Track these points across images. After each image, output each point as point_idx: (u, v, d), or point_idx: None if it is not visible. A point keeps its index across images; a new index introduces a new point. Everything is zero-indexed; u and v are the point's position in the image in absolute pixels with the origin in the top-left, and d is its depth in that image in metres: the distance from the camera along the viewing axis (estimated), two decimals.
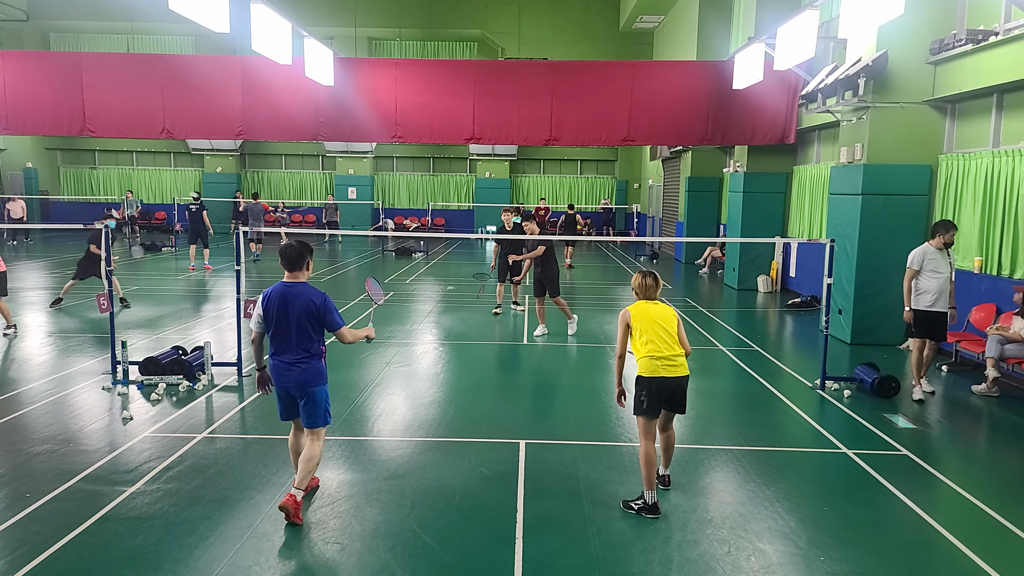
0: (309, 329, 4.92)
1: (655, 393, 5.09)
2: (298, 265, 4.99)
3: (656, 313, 5.23)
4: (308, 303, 4.90)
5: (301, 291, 4.94)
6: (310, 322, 4.91)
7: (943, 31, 10.20)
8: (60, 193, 31.71)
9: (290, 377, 4.95)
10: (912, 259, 8.21)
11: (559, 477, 5.72)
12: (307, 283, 5.04)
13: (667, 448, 5.53)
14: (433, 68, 16.43)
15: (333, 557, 4.48)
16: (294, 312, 4.89)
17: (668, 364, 5.11)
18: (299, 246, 5.00)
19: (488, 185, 31.87)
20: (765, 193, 16.24)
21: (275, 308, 4.93)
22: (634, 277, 5.51)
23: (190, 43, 30.36)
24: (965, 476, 6.00)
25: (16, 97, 14.84)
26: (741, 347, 10.52)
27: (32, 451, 6.05)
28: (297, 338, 4.92)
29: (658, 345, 5.12)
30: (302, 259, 5.00)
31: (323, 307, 4.92)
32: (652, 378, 5.09)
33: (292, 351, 4.94)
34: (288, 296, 4.92)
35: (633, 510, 5.10)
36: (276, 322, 4.94)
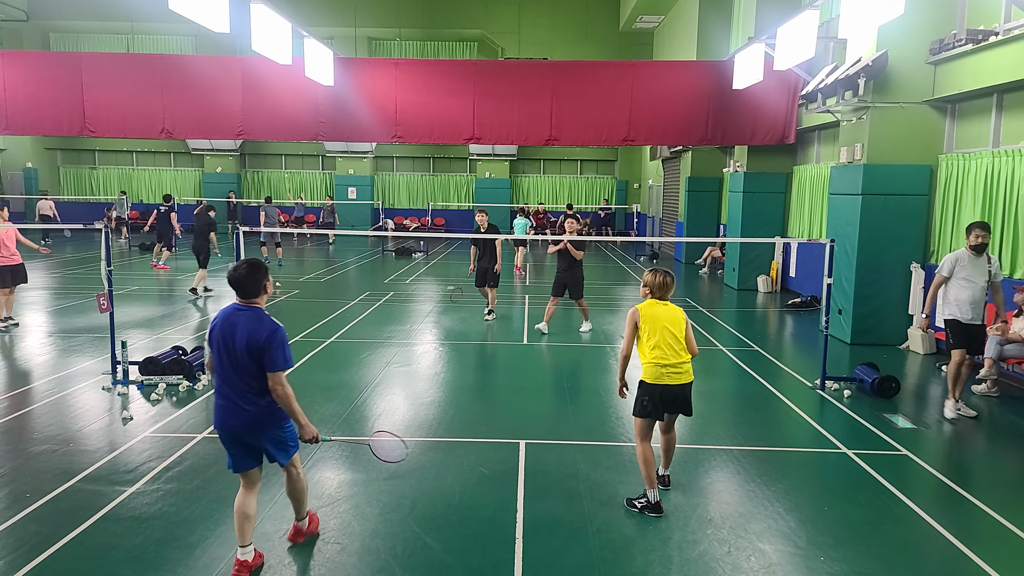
0: (250, 364, 4.11)
1: (658, 400, 5.07)
2: (251, 291, 4.25)
3: (666, 316, 5.11)
4: (252, 333, 4.11)
5: (250, 317, 4.19)
6: (251, 357, 4.10)
7: (943, 31, 10.20)
8: (60, 193, 31.70)
9: (240, 420, 4.18)
10: (942, 264, 7.59)
11: (559, 477, 5.72)
12: (261, 309, 4.26)
13: (668, 449, 5.51)
14: (433, 68, 16.43)
15: (333, 557, 4.48)
16: (240, 341, 4.11)
17: (673, 372, 5.05)
18: (248, 269, 4.24)
19: (488, 185, 31.87)
20: (765, 193, 16.24)
21: (218, 335, 4.17)
22: (649, 274, 5.30)
23: (190, 43, 30.36)
24: (965, 476, 6.00)
25: (16, 97, 14.85)
26: (741, 347, 10.52)
27: (32, 451, 6.05)
28: (244, 373, 4.13)
29: (665, 352, 5.04)
30: (256, 282, 4.24)
31: (268, 340, 4.09)
32: (656, 385, 5.04)
33: (239, 388, 4.14)
34: (235, 322, 4.17)
35: (636, 508, 5.11)
36: (219, 352, 4.16)
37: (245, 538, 4.23)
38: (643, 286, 5.32)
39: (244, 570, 4.18)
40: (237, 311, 4.23)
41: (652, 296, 5.24)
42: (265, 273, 4.33)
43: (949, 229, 10.50)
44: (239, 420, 4.18)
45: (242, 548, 4.22)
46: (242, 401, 4.15)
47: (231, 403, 4.17)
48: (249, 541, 4.25)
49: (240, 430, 4.21)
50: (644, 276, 5.31)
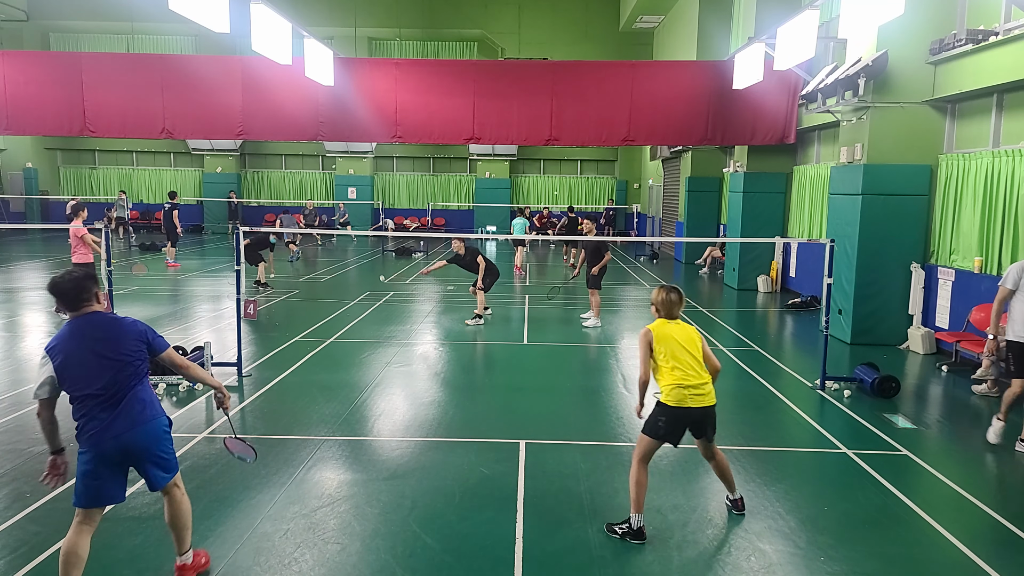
0: (134, 357, 3.87)
1: (679, 423, 4.74)
2: (84, 299, 3.87)
3: (681, 336, 4.80)
4: (119, 330, 3.88)
5: (101, 322, 3.89)
6: (131, 350, 3.85)
7: (943, 31, 10.20)
8: (60, 193, 31.70)
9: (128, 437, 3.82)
10: (1006, 276, 6.62)
11: (559, 477, 5.72)
12: (104, 312, 3.97)
13: (723, 473, 5.12)
14: (433, 68, 16.43)
15: (333, 557, 4.48)
16: (106, 345, 3.81)
17: (696, 394, 4.70)
18: (73, 280, 3.85)
19: (488, 185, 31.87)
20: (765, 193, 16.24)
21: (70, 353, 3.77)
22: (656, 292, 4.99)
23: (190, 43, 30.37)
24: (965, 476, 6.00)
25: (16, 97, 14.85)
26: (741, 347, 10.52)
27: (32, 451, 6.04)
28: (117, 377, 3.81)
29: (686, 372, 4.70)
30: (87, 291, 3.88)
31: (141, 329, 3.95)
32: (678, 408, 4.69)
33: (111, 398, 3.81)
34: (87, 332, 3.82)
35: (617, 535, 4.75)
36: (79, 368, 3.77)
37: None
38: (651, 305, 5.03)
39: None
40: (85, 322, 3.85)
41: (660, 315, 4.93)
42: (94, 280, 3.97)
43: (949, 229, 10.50)
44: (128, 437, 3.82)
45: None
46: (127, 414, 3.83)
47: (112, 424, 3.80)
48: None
49: (130, 446, 3.83)
50: (652, 294, 5.01)
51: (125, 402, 3.84)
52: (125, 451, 3.85)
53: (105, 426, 3.80)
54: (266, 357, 9.35)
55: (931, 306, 10.62)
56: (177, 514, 4.11)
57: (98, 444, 3.81)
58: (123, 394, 3.84)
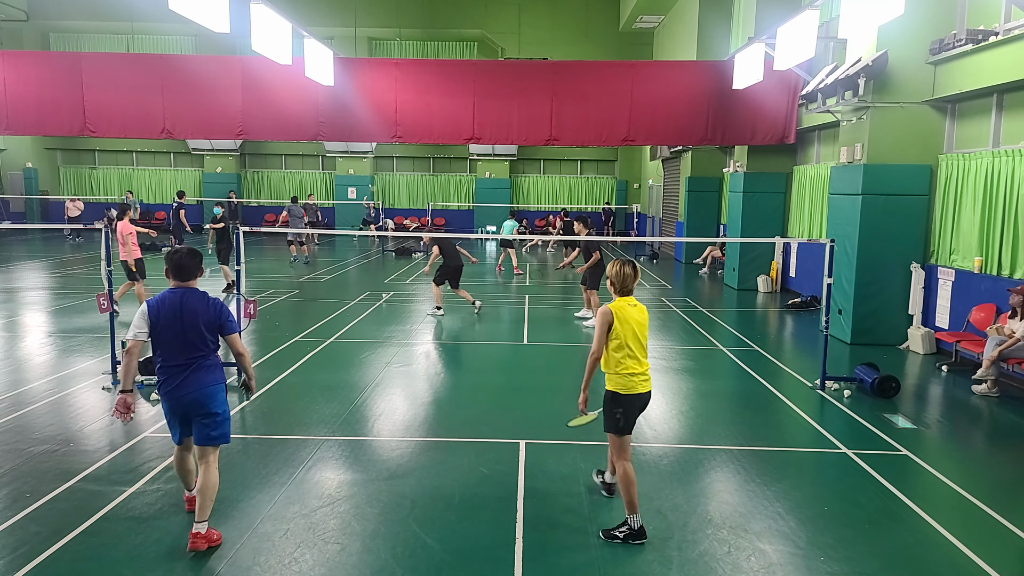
0: (207, 335, 4.52)
1: (632, 410, 4.73)
2: (191, 275, 4.59)
3: (637, 320, 4.71)
4: (202, 309, 4.52)
5: (192, 298, 4.54)
6: (208, 328, 4.51)
7: (943, 31, 10.20)
8: (60, 193, 31.70)
9: (191, 397, 4.50)
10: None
11: (559, 477, 5.72)
12: (198, 289, 4.62)
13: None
14: (433, 68, 16.42)
15: (333, 557, 4.48)
16: (189, 319, 4.46)
17: (643, 379, 4.73)
18: (189, 257, 4.58)
19: (488, 185, 31.87)
20: (765, 193, 16.24)
21: (164, 318, 4.45)
22: (610, 265, 4.83)
23: (190, 43, 30.37)
24: (965, 476, 5.99)
25: (16, 97, 14.84)
26: (741, 347, 10.52)
27: (32, 451, 6.05)
28: (192, 346, 4.48)
29: (634, 361, 4.69)
30: (195, 269, 4.60)
31: (219, 312, 4.56)
32: (630, 395, 4.69)
33: (184, 360, 4.49)
34: (178, 303, 4.49)
35: (618, 539, 4.66)
36: (165, 331, 4.45)
37: (187, 484, 4.96)
38: (606, 279, 4.89)
39: (191, 503, 4.86)
40: (178, 293, 4.54)
41: (617, 292, 4.79)
42: (201, 259, 4.70)
43: (949, 229, 10.50)
44: (184, 390, 4.50)
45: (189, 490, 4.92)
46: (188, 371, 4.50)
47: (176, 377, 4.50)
48: (193, 485, 4.84)
49: (185, 399, 4.52)
50: (607, 268, 4.87)
51: (193, 369, 4.49)
52: (185, 407, 4.54)
53: (175, 385, 4.48)
54: (266, 357, 9.35)
55: (931, 306, 10.62)
56: (205, 484, 4.57)
57: (169, 398, 4.54)
58: (195, 361, 4.50)
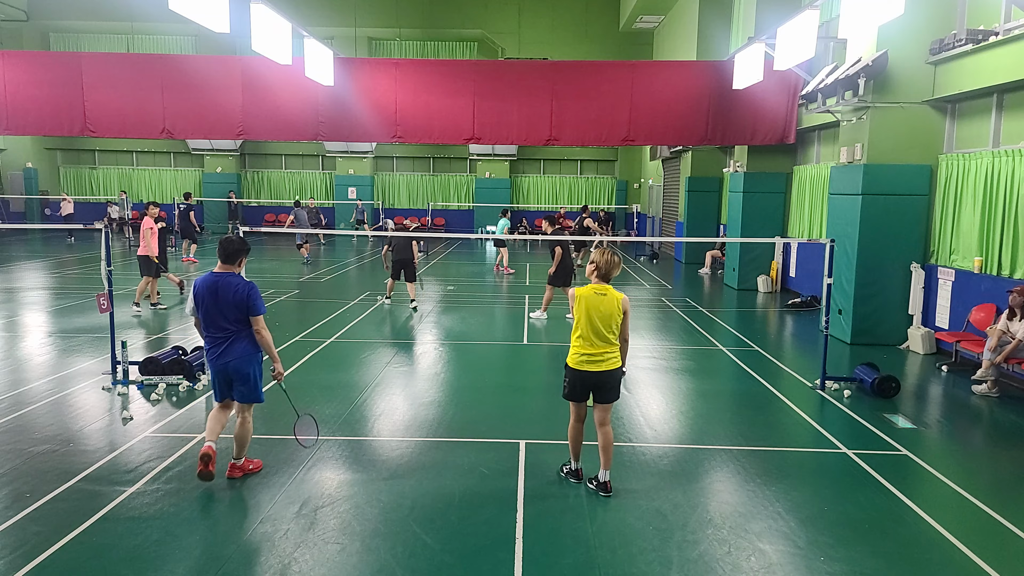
0: (237, 313, 5.37)
1: (579, 384, 5.35)
2: (234, 261, 5.46)
3: (599, 308, 5.20)
4: (234, 290, 5.34)
5: (229, 280, 5.38)
6: (237, 307, 5.34)
7: (943, 31, 10.20)
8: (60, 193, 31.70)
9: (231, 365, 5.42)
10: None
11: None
12: (236, 274, 5.47)
13: (605, 447, 5.40)
14: (433, 68, 16.41)
15: (333, 557, 4.48)
16: (223, 298, 5.33)
17: (593, 359, 5.26)
18: (239, 242, 5.48)
19: (488, 185, 31.87)
20: (765, 193, 16.24)
21: (204, 296, 5.35)
22: (598, 252, 5.29)
23: (190, 43, 30.37)
24: (965, 476, 5.99)
25: (16, 97, 14.84)
26: (741, 347, 10.52)
27: (32, 451, 6.05)
28: (226, 321, 5.37)
29: (586, 343, 5.26)
30: (239, 256, 5.49)
31: (248, 294, 5.36)
32: (578, 370, 5.32)
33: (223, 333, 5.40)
34: (217, 284, 5.35)
35: (563, 473, 5.63)
36: (205, 307, 5.36)
37: (213, 435, 5.49)
38: (591, 262, 5.36)
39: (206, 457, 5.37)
40: (218, 276, 5.38)
41: (597, 275, 5.28)
42: (247, 251, 5.57)
43: (949, 229, 10.50)
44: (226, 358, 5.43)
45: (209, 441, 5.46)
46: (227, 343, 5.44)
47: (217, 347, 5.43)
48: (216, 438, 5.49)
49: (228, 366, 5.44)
50: (593, 254, 5.35)
51: (232, 340, 5.42)
52: (226, 372, 5.46)
53: (217, 354, 5.43)
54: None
55: (931, 306, 10.62)
56: (241, 433, 5.57)
57: (213, 365, 5.47)
58: (231, 335, 5.41)
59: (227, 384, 5.50)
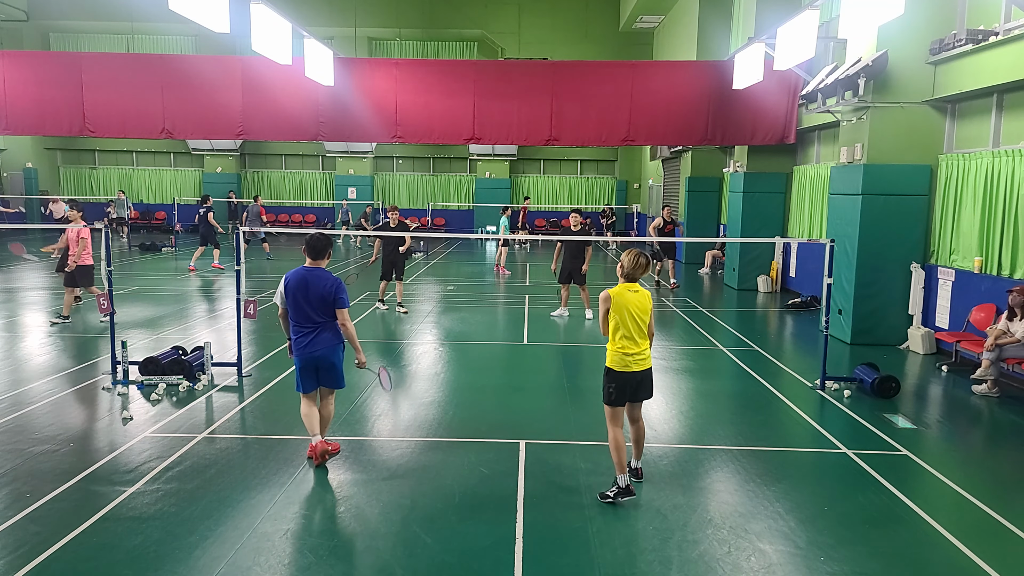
0: (324, 306, 5.67)
1: (624, 387, 5.26)
2: (321, 256, 5.77)
3: (635, 304, 5.20)
4: (322, 285, 5.66)
5: (318, 275, 5.71)
6: (324, 301, 5.65)
7: (943, 31, 10.20)
8: (60, 193, 31.67)
9: (318, 354, 5.71)
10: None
11: (559, 477, 5.72)
12: (325, 269, 5.79)
13: (638, 440, 5.61)
14: (433, 68, 16.42)
15: (333, 557, 4.48)
16: (313, 292, 5.64)
17: (639, 359, 5.24)
18: (324, 239, 5.77)
19: (488, 185, 31.86)
20: (765, 193, 16.24)
21: (295, 289, 5.66)
22: (626, 254, 5.31)
23: (190, 43, 30.35)
24: (965, 476, 5.99)
25: (16, 97, 14.84)
26: (741, 347, 10.51)
27: (32, 451, 6.05)
28: (315, 313, 5.67)
29: (630, 342, 5.21)
30: (325, 250, 5.79)
31: (335, 289, 5.69)
32: (623, 372, 5.23)
33: (312, 325, 5.70)
34: (307, 279, 5.68)
35: (610, 498, 5.22)
36: (295, 300, 5.66)
37: (314, 429, 5.80)
38: (619, 266, 5.38)
39: (314, 451, 5.76)
40: (308, 271, 5.71)
41: (625, 278, 5.29)
42: (331, 244, 5.88)
43: (949, 229, 10.50)
44: (314, 347, 5.73)
45: (313, 436, 5.82)
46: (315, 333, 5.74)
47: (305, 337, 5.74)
48: (317, 431, 5.81)
49: (317, 355, 5.75)
50: (621, 257, 5.36)
51: (319, 331, 5.70)
52: (315, 361, 5.75)
53: (305, 344, 5.72)
54: (266, 357, 9.35)
55: (931, 306, 10.62)
56: (327, 415, 5.96)
57: (300, 355, 5.74)
58: (319, 326, 5.70)
59: (314, 374, 5.79)
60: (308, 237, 5.78)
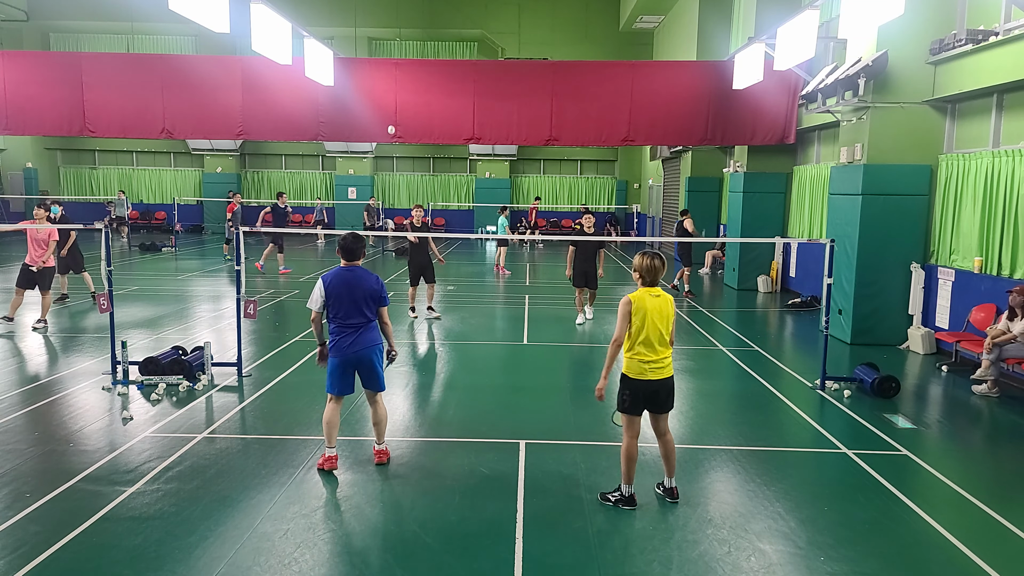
0: (371, 304, 5.71)
1: (640, 394, 5.07)
2: (357, 256, 5.79)
3: (657, 311, 4.99)
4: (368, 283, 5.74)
5: (360, 274, 5.76)
6: (371, 299, 5.70)
7: (943, 31, 10.20)
8: (60, 193, 31.66)
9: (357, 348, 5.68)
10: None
11: (559, 477, 5.72)
12: (363, 267, 5.82)
13: (667, 455, 5.29)
14: (433, 68, 16.42)
15: (333, 557, 4.48)
16: (358, 291, 5.67)
17: (656, 367, 5.03)
18: (355, 239, 5.80)
19: (488, 185, 31.85)
20: (765, 193, 16.23)
21: (337, 288, 5.67)
22: (638, 258, 5.08)
23: (190, 43, 30.35)
24: (965, 476, 5.99)
25: (16, 97, 14.84)
26: (741, 347, 10.51)
27: (32, 451, 6.05)
28: (360, 312, 5.67)
29: (648, 348, 5.00)
30: (360, 250, 5.83)
31: (380, 287, 5.77)
32: (638, 380, 5.04)
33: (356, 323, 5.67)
34: (350, 278, 5.71)
35: (610, 502, 5.16)
36: (339, 300, 5.65)
37: (332, 441, 5.76)
38: (634, 271, 5.16)
39: (331, 462, 5.73)
40: (349, 271, 5.72)
41: (643, 283, 5.08)
42: (363, 243, 5.90)
43: (949, 229, 10.50)
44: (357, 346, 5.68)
45: (329, 448, 5.77)
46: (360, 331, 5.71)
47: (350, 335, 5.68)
48: (335, 443, 5.79)
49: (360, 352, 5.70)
50: (634, 260, 5.13)
51: (362, 331, 5.69)
52: (357, 362, 5.71)
53: (349, 344, 5.66)
54: (266, 357, 9.35)
55: (931, 306, 10.62)
56: (377, 418, 5.90)
57: (342, 354, 5.67)
58: (362, 325, 5.69)
59: (351, 375, 5.73)
60: (341, 239, 5.80)
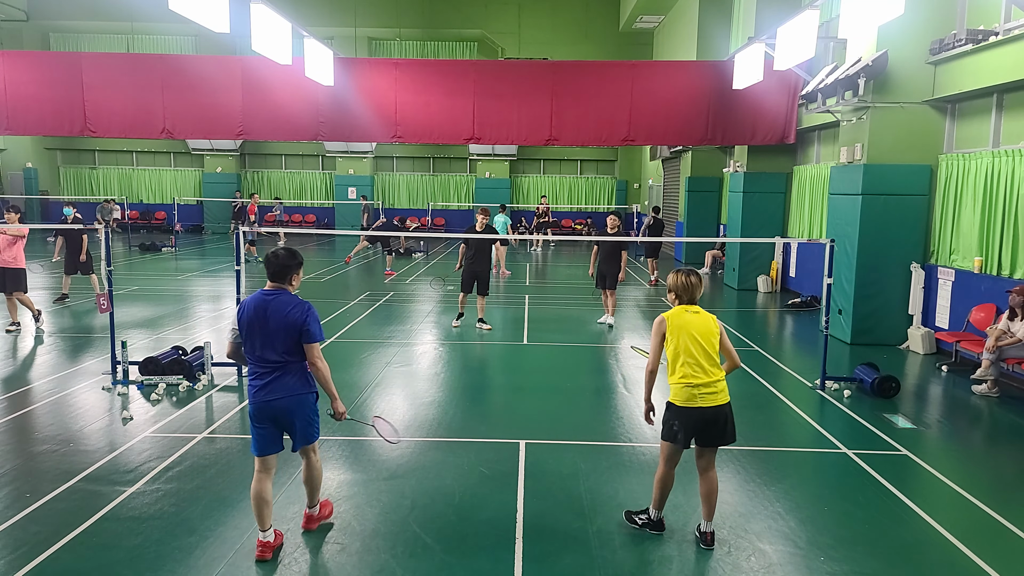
0: (287, 340, 4.29)
1: (690, 424, 4.52)
2: (283, 276, 4.41)
3: (697, 327, 4.52)
4: (286, 312, 4.30)
5: (282, 300, 4.34)
6: (288, 332, 4.28)
7: (943, 31, 10.20)
8: (60, 193, 31.69)
9: (273, 398, 4.33)
10: None
11: (559, 477, 5.72)
12: (288, 292, 4.42)
13: (708, 495, 4.65)
14: (433, 68, 16.42)
15: (333, 557, 4.48)
16: (273, 322, 4.28)
17: (707, 392, 4.46)
18: (287, 256, 4.40)
19: (488, 185, 31.86)
20: (765, 193, 16.24)
21: (251, 319, 4.31)
22: (672, 276, 4.67)
23: (190, 43, 30.35)
24: (965, 476, 5.99)
25: (16, 97, 14.85)
26: (741, 347, 10.51)
27: (32, 451, 6.05)
28: (277, 352, 4.30)
29: (694, 369, 4.46)
30: (288, 271, 4.41)
31: (304, 318, 4.30)
32: (688, 408, 4.48)
33: (270, 365, 4.32)
34: (266, 305, 4.32)
35: (636, 525, 4.83)
36: (251, 332, 4.31)
37: (265, 523, 4.41)
38: (669, 291, 4.73)
39: (267, 550, 4.40)
40: (267, 296, 4.37)
41: (680, 301, 4.65)
42: (299, 264, 4.50)
43: (949, 229, 10.50)
44: (272, 398, 4.34)
45: (263, 532, 4.43)
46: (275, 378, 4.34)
47: (262, 383, 4.34)
48: (269, 525, 4.43)
49: (275, 407, 4.35)
50: (668, 279, 4.73)
51: (277, 374, 4.33)
52: (272, 415, 4.35)
53: (260, 388, 4.32)
54: None
55: (931, 306, 10.62)
56: (310, 476, 4.68)
57: (254, 403, 4.35)
58: (279, 367, 4.32)
59: (270, 429, 4.38)
60: (270, 254, 4.43)
